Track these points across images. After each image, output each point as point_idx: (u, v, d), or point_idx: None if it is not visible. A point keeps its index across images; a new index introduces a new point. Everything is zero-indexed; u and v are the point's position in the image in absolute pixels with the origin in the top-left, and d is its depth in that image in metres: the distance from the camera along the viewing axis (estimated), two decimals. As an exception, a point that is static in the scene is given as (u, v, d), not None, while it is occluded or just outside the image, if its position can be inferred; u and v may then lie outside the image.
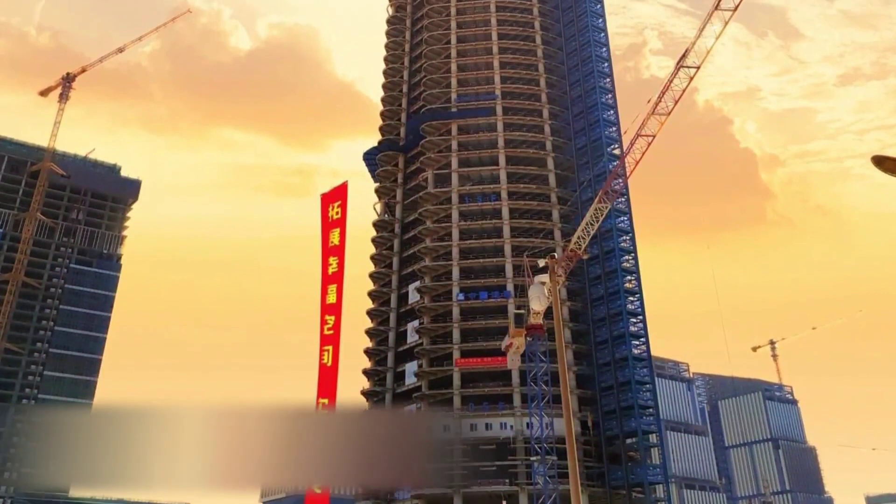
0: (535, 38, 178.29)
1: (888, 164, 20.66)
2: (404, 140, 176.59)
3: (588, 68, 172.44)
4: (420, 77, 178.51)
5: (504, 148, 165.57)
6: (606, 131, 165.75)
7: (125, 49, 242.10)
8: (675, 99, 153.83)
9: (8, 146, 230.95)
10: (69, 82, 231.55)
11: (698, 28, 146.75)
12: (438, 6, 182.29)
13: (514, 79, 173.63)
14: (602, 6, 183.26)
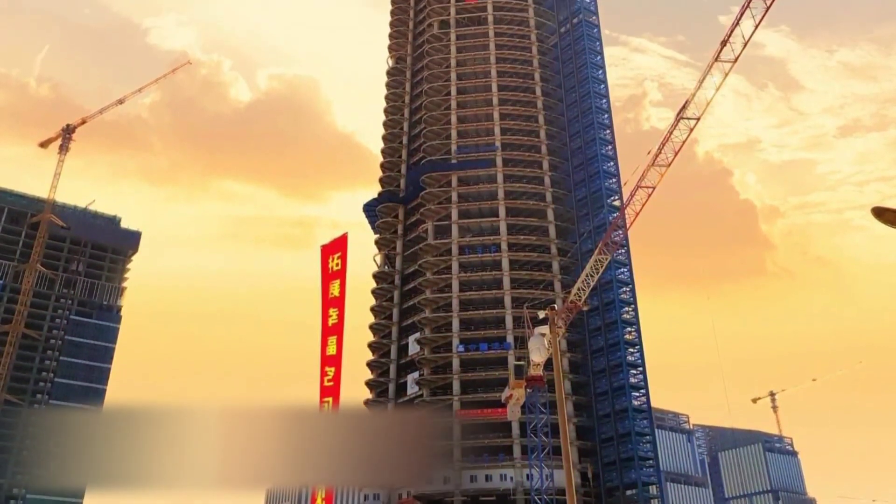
0: (535, 90, 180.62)
1: (888, 216, 20.98)
2: (404, 191, 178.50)
3: (588, 120, 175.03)
4: (420, 128, 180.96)
5: (504, 199, 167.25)
6: (606, 183, 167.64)
7: (125, 100, 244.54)
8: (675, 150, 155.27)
9: (8, 197, 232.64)
10: (69, 134, 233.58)
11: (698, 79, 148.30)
12: (438, 58, 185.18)
13: (514, 130, 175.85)
14: (602, 58, 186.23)
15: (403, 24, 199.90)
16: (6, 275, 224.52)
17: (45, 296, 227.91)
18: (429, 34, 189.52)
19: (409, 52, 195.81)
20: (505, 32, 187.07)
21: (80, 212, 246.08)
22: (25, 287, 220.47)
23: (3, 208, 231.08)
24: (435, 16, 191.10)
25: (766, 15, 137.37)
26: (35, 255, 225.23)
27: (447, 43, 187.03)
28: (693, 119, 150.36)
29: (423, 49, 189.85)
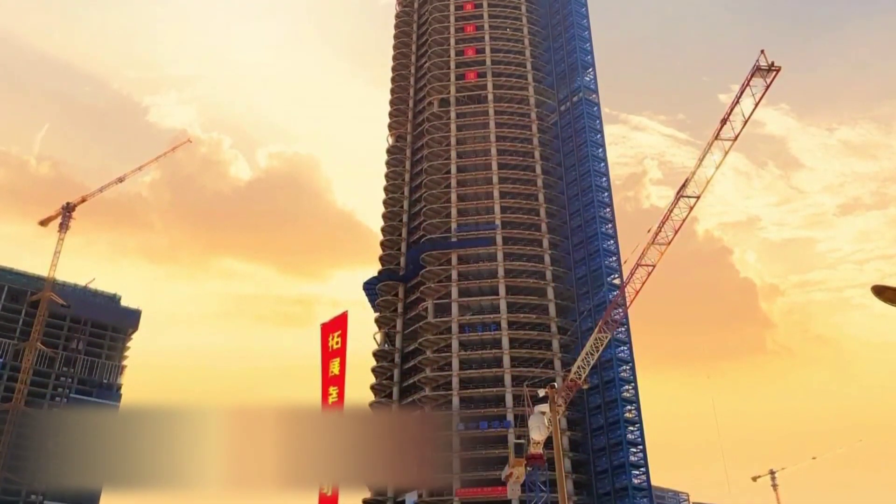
0: (535, 168, 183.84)
1: (888, 294, 22.03)
2: (404, 270, 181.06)
3: (588, 198, 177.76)
4: (420, 207, 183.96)
5: (504, 277, 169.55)
6: (607, 261, 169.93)
7: (125, 179, 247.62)
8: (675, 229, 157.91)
9: (8, 276, 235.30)
10: (69, 212, 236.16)
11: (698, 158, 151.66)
12: (438, 136, 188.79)
13: (513, 208, 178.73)
14: (602, 136, 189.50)
15: (403, 102, 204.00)
16: (6, 353, 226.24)
17: (45, 374, 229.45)
18: (429, 112, 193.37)
19: (409, 130, 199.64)
20: (505, 110, 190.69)
21: (80, 290, 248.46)
22: (25, 365, 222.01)
23: (3, 286, 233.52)
24: (435, 94, 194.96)
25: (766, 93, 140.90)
26: (35, 333, 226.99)
27: (447, 121, 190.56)
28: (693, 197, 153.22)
29: (423, 127, 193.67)
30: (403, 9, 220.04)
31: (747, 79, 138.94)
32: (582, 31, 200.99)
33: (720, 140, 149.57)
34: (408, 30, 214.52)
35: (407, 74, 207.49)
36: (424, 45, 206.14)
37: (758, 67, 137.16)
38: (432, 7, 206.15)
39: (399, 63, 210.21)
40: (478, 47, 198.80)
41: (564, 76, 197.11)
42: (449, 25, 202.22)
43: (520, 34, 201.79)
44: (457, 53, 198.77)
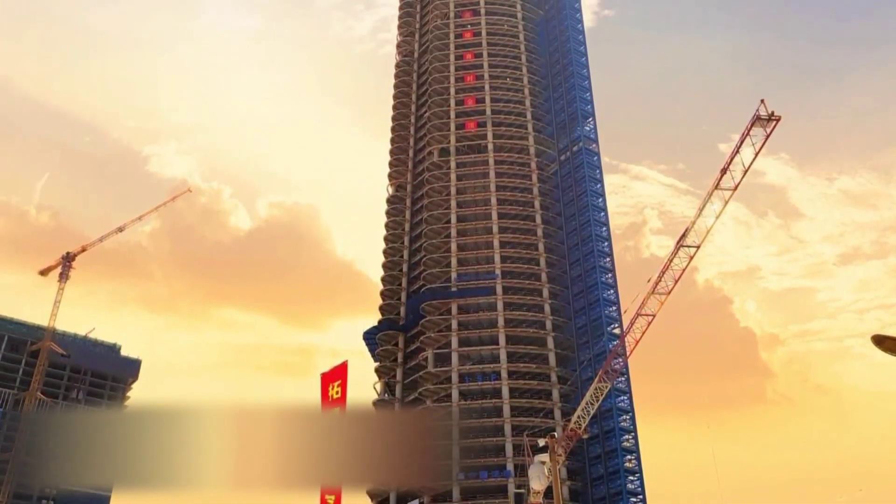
0: (535, 217, 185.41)
1: (888, 344, 22.59)
2: (404, 319, 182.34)
3: (588, 248, 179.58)
4: (420, 256, 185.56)
5: (504, 327, 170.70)
6: (606, 310, 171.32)
7: (125, 228, 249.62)
8: (675, 278, 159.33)
9: (8, 325, 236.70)
10: (69, 261, 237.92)
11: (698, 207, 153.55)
12: (438, 185, 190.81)
13: (513, 258, 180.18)
14: (602, 186, 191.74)
15: (403, 152, 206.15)
16: (6, 402, 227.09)
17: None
18: (429, 162, 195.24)
19: (409, 180, 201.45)
20: (505, 160, 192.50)
21: (80, 339, 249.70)
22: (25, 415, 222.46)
23: (3, 336, 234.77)
24: (435, 143, 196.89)
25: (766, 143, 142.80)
26: (35, 382, 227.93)
27: (447, 170, 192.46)
28: (693, 247, 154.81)
29: (423, 176, 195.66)
30: (403, 58, 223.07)
31: (747, 128, 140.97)
32: (582, 80, 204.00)
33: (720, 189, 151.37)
34: (408, 79, 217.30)
35: (407, 124, 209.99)
36: (424, 95, 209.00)
37: (758, 117, 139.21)
38: (432, 57, 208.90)
39: (399, 112, 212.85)
40: (478, 97, 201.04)
41: (564, 125, 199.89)
42: (449, 75, 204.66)
43: (520, 84, 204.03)
44: (457, 103, 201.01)
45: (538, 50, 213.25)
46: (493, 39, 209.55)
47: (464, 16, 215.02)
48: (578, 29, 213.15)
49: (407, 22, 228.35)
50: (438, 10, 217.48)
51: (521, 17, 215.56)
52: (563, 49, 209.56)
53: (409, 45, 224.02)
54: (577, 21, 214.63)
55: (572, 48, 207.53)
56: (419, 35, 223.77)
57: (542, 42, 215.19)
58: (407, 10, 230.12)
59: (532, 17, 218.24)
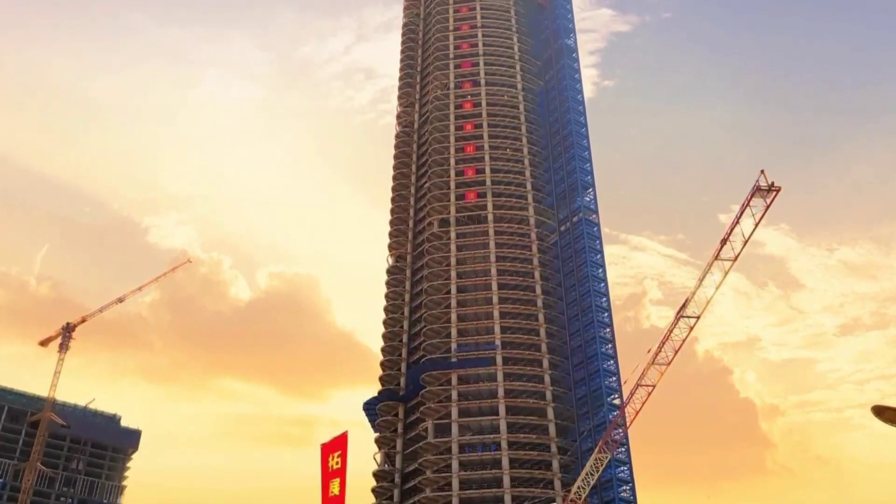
0: (535, 288, 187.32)
1: (888, 415, 23.88)
2: (404, 390, 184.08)
3: (588, 318, 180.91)
4: (420, 326, 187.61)
5: (504, 398, 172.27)
6: (607, 381, 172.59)
7: (125, 299, 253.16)
8: (675, 349, 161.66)
9: (8, 396, 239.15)
10: (69, 332, 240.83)
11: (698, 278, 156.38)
12: (438, 256, 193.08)
13: (514, 328, 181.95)
14: (602, 256, 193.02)
15: (403, 223, 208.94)
16: (6, 473, 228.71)
17: (45, 494, 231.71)
18: (429, 232, 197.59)
19: (409, 250, 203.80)
20: (505, 231, 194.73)
21: (80, 410, 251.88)
22: (25, 486, 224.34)
23: (3, 407, 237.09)
24: (435, 214, 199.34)
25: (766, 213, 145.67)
26: (35, 453, 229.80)
27: (447, 241, 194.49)
28: (693, 317, 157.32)
29: (423, 247, 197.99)
30: (403, 129, 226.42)
31: (747, 199, 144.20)
32: (582, 150, 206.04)
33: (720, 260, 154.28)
34: (408, 150, 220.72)
35: (407, 194, 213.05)
36: (424, 166, 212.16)
37: (758, 187, 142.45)
38: (432, 127, 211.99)
39: (399, 183, 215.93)
40: (478, 167, 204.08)
41: (565, 196, 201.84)
42: (449, 146, 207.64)
43: (520, 154, 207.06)
44: (457, 174, 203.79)
45: (538, 120, 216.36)
46: (493, 110, 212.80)
47: (464, 86, 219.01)
48: (578, 99, 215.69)
49: (407, 93, 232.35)
50: (438, 80, 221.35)
51: (521, 87, 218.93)
52: (563, 119, 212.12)
53: (408, 116, 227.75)
54: (577, 91, 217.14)
55: (572, 118, 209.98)
56: (419, 106, 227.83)
57: (542, 112, 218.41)
58: (407, 81, 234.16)
59: (532, 88, 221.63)
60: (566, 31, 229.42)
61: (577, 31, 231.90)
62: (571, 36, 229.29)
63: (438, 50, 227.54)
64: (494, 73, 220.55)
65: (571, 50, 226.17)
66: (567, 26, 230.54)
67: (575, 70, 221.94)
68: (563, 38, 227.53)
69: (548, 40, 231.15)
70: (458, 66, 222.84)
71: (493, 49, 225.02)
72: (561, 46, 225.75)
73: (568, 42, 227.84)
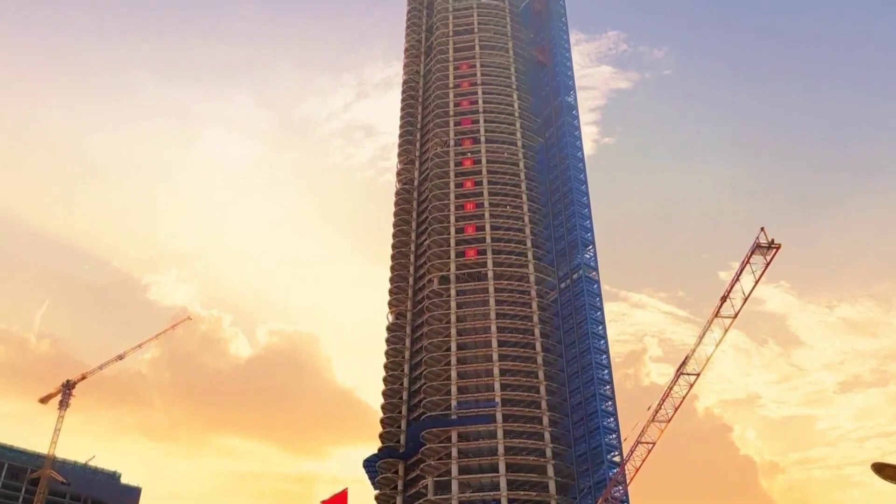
0: (535, 345, 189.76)
1: (888, 472, 25.58)
2: (404, 447, 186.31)
3: (588, 375, 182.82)
4: (420, 384, 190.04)
5: (504, 455, 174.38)
6: (606, 438, 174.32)
7: (125, 356, 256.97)
8: (675, 406, 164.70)
9: (8, 453, 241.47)
10: (69, 389, 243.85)
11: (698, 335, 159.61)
12: (438, 313, 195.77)
13: (513, 386, 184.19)
14: (602, 314, 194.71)
15: (403, 280, 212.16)
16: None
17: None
18: (429, 289, 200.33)
19: (409, 308, 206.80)
20: (505, 288, 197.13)
21: (80, 467, 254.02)
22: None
23: (3, 464, 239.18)
24: (435, 271, 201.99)
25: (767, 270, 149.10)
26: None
27: (447, 298, 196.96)
28: (693, 375, 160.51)
29: (423, 304, 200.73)
30: (403, 186, 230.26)
31: (747, 256, 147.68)
32: (582, 208, 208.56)
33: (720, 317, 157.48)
34: (408, 207, 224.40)
35: (407, 251, 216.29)
36: (424, 223, 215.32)
37: (758, 245, 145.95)
38: (432, 185, 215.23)
39: (399, 240, 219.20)
40: (478, 225, 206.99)
41: (565, 253, 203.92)
42: (449, 203, 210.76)
43: (520, 211, 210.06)
44: (457, 231, 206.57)
45: (538, 177, 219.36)
46: (492, 167, 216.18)
47: (464, 143, 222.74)
48: (578, 156, 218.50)
49: (407, 150, 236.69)
50: (438, 137, 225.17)
51: (521, 144, 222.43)
52: (563, 176, 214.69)
53: (409, 173, 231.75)
54: (577, 149, 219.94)
55: (572, 175, 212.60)
56: (419, 163, 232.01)
57: (542, 169, 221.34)
58: (407, 139, 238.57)
59: (532, 145, 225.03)
60: (566, 88, 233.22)
61: (577, 88, 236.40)
62: (571, 93, 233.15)
63: (438, 107, 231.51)
64: (494, 131, 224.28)
65: (571, 107, 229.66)
66: (567, 83, 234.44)
67: (575, 127, 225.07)
68: (564, 96, 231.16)
69: (548, 97, 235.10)
70: (458, 123, 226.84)
71: (494, 106, 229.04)
72: (561, 104, 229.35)
73: (568, 99, 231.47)
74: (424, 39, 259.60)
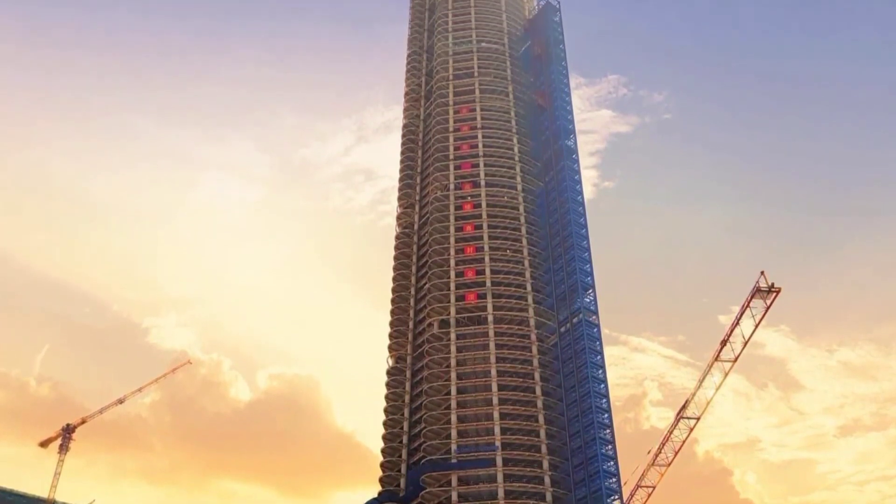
0: (535, 389, 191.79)
1: None
2: (404, 491, 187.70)
3: (588, 419, 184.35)
4: (420, 427, 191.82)
5: (504, 499, 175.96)
6: (607, 482, 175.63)
7: (125, 400, 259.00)
8: (676, 450, 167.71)
9: (8, 497, 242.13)
10: (69, 433, 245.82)
11: (698, 379, 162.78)
12: (439, 358, 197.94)
13: (514, 429, 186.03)
14: (602, 357, 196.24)
15: (403, 324, 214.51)
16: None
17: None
18: (429, 333, 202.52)
19: (409, 351, 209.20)
20: (505, 332, 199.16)
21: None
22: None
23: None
24: (435, 315, 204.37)
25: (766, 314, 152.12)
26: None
27: (447, 342, 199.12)
28: (693, 418, 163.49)
29: (423, 348, 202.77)
30: (403, 230, 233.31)
31: (747, 300, 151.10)
32: (582, 251, 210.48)
33: (720, 361, 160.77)
34: (408, 251, 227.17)
35: (407, 295, 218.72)
36: (424, 266, 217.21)
37: (758, 288, 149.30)
38: (432, 228, 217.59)
39: (399, 284, 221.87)
40: (478, 268, 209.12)
41: (565, 297, 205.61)
42: (449, 247, 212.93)
43: (520, 255, 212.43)
44: (457, 275, 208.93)
45: (538, 221, 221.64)
46: (492, 211, 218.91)
47: (464, 187, 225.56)
48: (578, 200, 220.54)
49: (407, 194, 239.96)
50: (438, 181, 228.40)
51: (521, 188, 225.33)
52: (563, 220, 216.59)
53: (409, 217, 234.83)
54: (577, 192, 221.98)
55: (572, 219, 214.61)
56: (419, 206, 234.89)
57: (542, 213, 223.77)
58: (407, 182, 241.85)
59: (532, 189, 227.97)
60: (566, 132, 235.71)
61: (577, 131, 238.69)
62: (571, 137, 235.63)
63: (438, 151, 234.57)
64: (494, 175, 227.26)
65: (571, 151, 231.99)
66: (567, 127, 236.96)
67: (575, 171, 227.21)
68: (564, 139, 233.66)
69: (548, 141, 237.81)
70: (458, 167, 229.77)
71: (493, 150, 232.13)
72: (561, 147, 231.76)
73: (568, 143, 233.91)
74: (424, 83, 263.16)
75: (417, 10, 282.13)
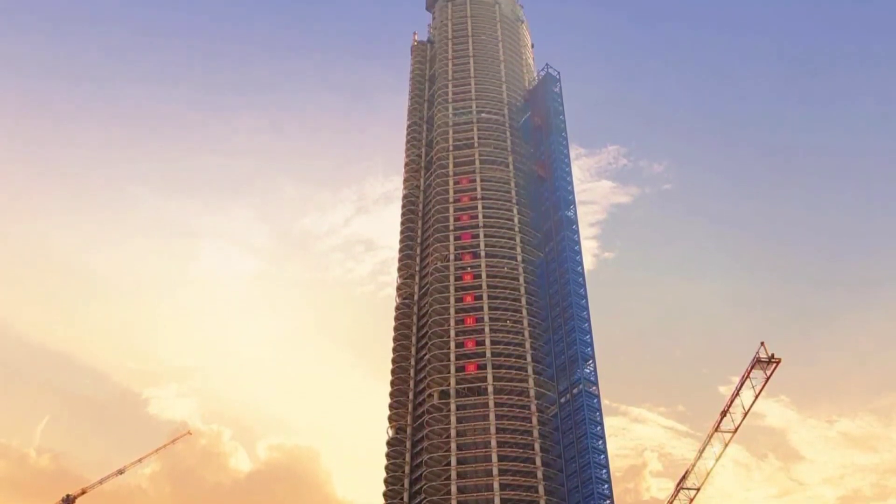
0: (535, 460, 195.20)
1: None
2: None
3: (588, 490, 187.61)
4: (420, 498, 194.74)
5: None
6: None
7: (125, 470, 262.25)
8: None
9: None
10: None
11: (698, 450, 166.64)
12: (439, 428, 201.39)
13: (514, 500, 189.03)
14: (602, 428, 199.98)
15: (403, 394, 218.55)
16: None
17: None
18: (429, 404, 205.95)
19: (409, 422, 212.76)
20: (505, 402, 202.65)
21: None
22: None
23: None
24: (435, 386, 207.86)
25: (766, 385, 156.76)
26: None
27: (447, 413, 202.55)
28: (693, 489, 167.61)
29: (423, 419, 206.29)
30: (403, 301, 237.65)
31: (747, 371, 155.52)
32: (582, 322, 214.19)
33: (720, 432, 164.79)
34: (408, 321, 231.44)
35: (407, 366, 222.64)
36: (424, 337, 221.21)
37: (758, 359, 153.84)
38: (432, 299, 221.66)
39: (399, 355, 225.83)
40: (478, 339, 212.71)
41: (565, 368, 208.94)
42: (449, 318, 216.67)
43: (520, 326, 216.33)
44: (457, 346, 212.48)
45: (538, 292, 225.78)
46: (493, 282, 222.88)
47: (464, 258, 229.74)
48: (578, 271, 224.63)
49: (407, 264, 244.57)
50: (438, 252, 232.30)
51: (521, 259, 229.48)
52: (563, 291, 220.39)
53: (408, 288, 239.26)
54: (577, 263, 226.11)
55: (572, 290, 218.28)
56: (419, 277, 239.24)
57: (543, 284, 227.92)
58: (407, 253, 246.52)
59: (532, 259, 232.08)
60: (566, 202, 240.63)
61: (577, 202, 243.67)
62: (571, 207, 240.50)
63: (438, 221, 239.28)
64: (494, 245, 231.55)
65: (571, 221, 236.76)
66: (567, 198, 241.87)
67: (575, 242, 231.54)
68: (564, 210, 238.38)
69: (548, 212, 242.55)
70: (458, 237, 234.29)
71: (494, 221, 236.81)
72: (561, 218, 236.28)
73: (568, 214, 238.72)
74: (424, 154, 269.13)
75: (417, 81, 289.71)
